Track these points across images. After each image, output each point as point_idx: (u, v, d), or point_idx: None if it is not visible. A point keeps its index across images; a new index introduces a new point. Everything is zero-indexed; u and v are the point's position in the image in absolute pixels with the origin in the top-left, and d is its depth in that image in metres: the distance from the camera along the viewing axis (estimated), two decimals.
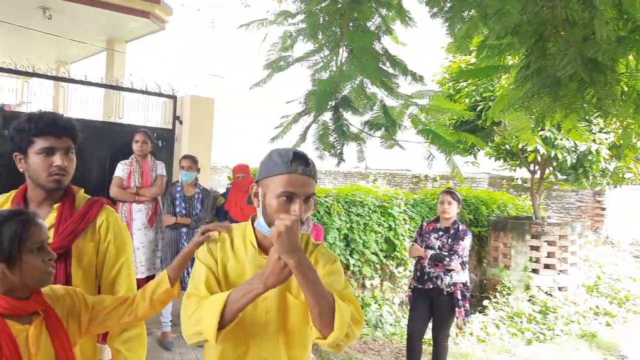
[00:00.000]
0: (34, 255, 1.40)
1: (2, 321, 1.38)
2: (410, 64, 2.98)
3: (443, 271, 4.13)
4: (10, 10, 7.06)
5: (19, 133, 1.69)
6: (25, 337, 1.41)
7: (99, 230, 1.83)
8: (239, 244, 1.63)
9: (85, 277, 1.80)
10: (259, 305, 1.55)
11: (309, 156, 1.57)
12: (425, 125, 3.00)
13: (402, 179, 14.92)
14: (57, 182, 1.71)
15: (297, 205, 1.49)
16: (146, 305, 1.67)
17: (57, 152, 1.70)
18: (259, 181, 1.58)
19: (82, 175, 5.24)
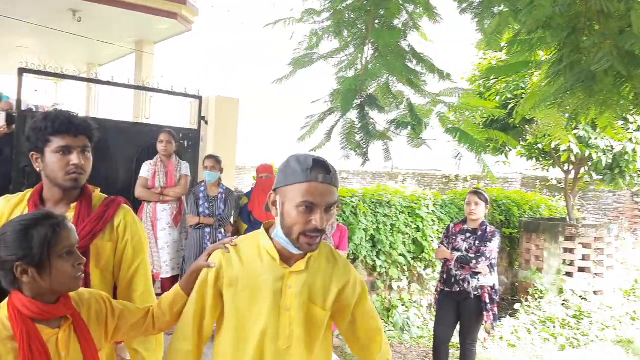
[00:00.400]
0: (64, 260, 1.37)
1: (33, 326, 1.35)
2: (438, 61, 2.90)
3: (470, 274, 4.03)
4: (42, 14, 7.21)
5: (36, 132, 1.68)
6: (55, 342, 1.39)
7: (117, 230, 1.81)
8: (251, 256, 1.56)
9: (103, 277, 1.79)
10: (283, 317, 1.50)
11: (329, 163, 1.49)
12: (454, 124, 2.91)
13: (431, 179, 14.72)
14: (74, 180, 1.70)
15: (317, 216, 1.42)
16: (167, 319, 1.64)
17: (74, 151, 1.68)
18: (277, 189, 1.51)
19: (109, 175, 5.36)
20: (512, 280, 7.86)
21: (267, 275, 1.51)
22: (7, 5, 6.78)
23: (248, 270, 1.53)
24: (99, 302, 1.56)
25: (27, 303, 1.35)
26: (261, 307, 1.50)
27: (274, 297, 1.50)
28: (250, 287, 1.52)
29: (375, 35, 2.63)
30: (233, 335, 1.53)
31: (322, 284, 1.56)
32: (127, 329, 1.61)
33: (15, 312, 1.35)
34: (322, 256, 1.60)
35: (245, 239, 1.62)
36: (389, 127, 2.87)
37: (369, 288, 6.15)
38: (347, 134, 2.82)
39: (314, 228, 1.43)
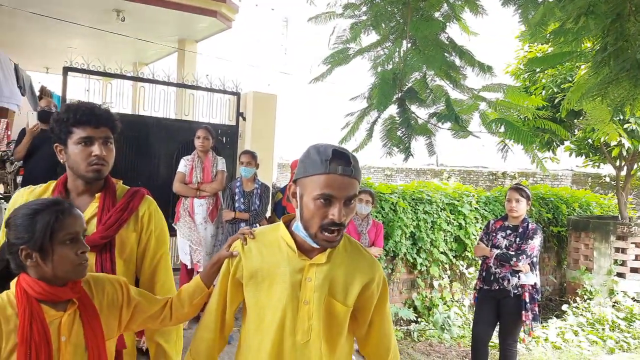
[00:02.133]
0: (67, 247, 1.37)
1: (37, 306, 1.36)
2: (479, 54, 2.80)
3: (510, 272, 3.92)
4: (88, 15, 7.43)
5: (58, 124, 1.69)
6: (57, 324, 1.39)
7: (141, 220, 1.82)
8: (270, 247, 1.53)
9: (126, 267, 1.80)
10: (302, 310, 1.47)
11: (351, 154, 1.43)
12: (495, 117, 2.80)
13: (477, 177, 14.39)
14: (96, 171, 1.70)
15: (336, 209, 1.37)
16: (185, 311, 1.63)
17: (95, 142, 1.69)
18: (296, 180, 1.47)
19: (151, 170, 5.49)
20: (559, 281, 7.59)
21: (286, 267, 1.48)
22: (56, 7, 7.02)
23: (267, 262, 1.51)
24: (115, 289, 1.55)
25: (31, 283, 1.37)
26: (279, 299, 1.47)
27: (292, 290, 1.47)
28: (269, 278, 1.49)
29: (414, 28, 2.55)
30: (253, 327, 1.52)
31: (344, 279, 1.50)
32: (143, 320, 1.60)
33: (22, 291, 1.36)
34: (345, 250, 1.55)
35: (265, 231, 1.60)
36: (429, 121, 2.80)
37: (409, 286, 6.06)
38: (388, 129, 2.76)
39: (332, 222, 1.38)
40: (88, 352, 1.42)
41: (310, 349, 1.47)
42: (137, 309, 1.58)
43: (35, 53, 10.53)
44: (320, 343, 1.48)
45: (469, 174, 14.43)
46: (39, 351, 1.32)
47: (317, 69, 3.08)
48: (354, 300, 1.51)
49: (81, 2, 6.96)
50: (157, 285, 1.85)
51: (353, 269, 1.52)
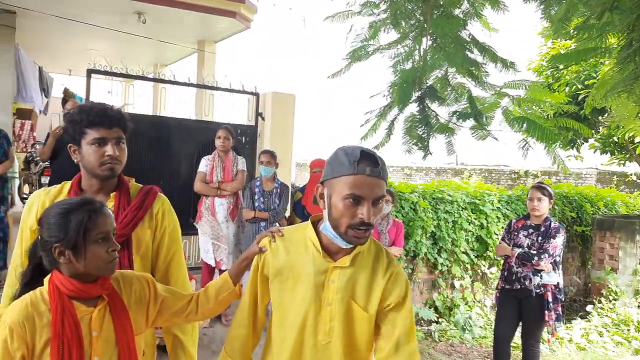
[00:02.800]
0: (99, 245, 1.41)
1: (69, 302, 1.40)
2: (500, 51, 2.76)
3: (532, 271, 3.86)
4: (110, 18, 7.54)
5: (72, 125, 1.73)
6: (88, 320, 1.42)
7: (155, 217, 1.85)
8: (297, 246, 1.56)
9: (143, 264, 1.83)
10: (324, 311, 1.49)
11: (378, 155, 1.45)
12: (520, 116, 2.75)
13: (499, 175, 14.22)
14: (109, 170, 1.73)
15: (364, 209, 1.39)
16: (211, 307, 1.66)
17: (108, 142, 1.72)
18: (324, 182, 1.49)
19: (172, 170, 5.54)
20: (584, 281, 7.46)
21: (311, 268, 1.51)
22: (78, 10, 7.14)
23: (292, 261, 1.53)
24: (143, 286, 1.58)
25: (64, 280, 1.40)
26: (303, 299, 1.50)
27: (315, 290, 1.49)
28: (294, 277, 1.52)
29: (435, 25, 2.53)
30: (277, 324, 1.56)
31: (367, 282, 1.51)
32: (169, 315, 1.63)
33: (54, 287, 1.40)
34: (370, 253, 1.56)
35: (293, 230, 1.62)
36: (450, 119, 2.77)
37: (430, 286, 6.02)
38: (408, 127, 2.74)
39: (361, 221, 1.40)
40: (118, 347, 1.46)
41: (331, 351, 1.49)
42: (163, 305, 1.61)
43: (59, 56, 10.72)
44: (342, 345, 1.48)
45: (490, 173, 14.26)
46: (71, 346, 1.36)
47: (335, 65, 3.08)
48: (376, 307, 1.51)
49: (103, 5, 7.07)
50: (171, 281, 1.88)
51: (375, 272, 1.53)
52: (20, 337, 1.35)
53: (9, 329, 1.35)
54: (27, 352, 1.36)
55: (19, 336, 1.35)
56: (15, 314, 1.37)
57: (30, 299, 1.41)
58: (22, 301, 1.40)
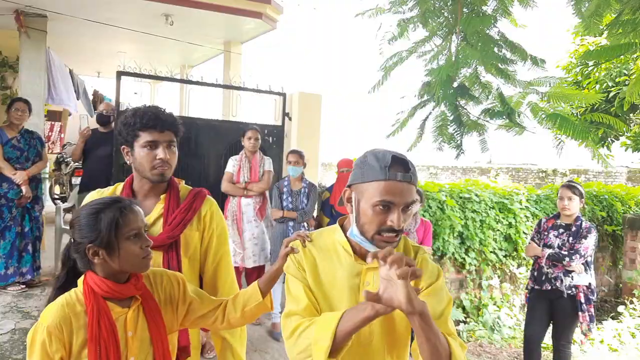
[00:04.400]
0: (131, 242, 1.42)
1: (104, 303, 1.41)
2: (530, 49, 2.72)
3: (563, 272, 3.81)
4: (137, 20, 7.65)
5: (126, 127, 1.76)
6: (124, 321, 1.44)
7: (203, 220, 1.87)
8: (328, 250, 1.51)
9: (191, 266, 1.85)
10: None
11: (408, 159, 1.40)
12: (548, 113, 2.71)
13: (527, 174, 13.98)
14: (160, 174, 1.76)
15: (395, 216, 1.35)
16: (238, 316, 1.64)
17: (160, 146, 1.74)
18: (352, 185, 1.45)
19: (201, 170, 5.61)
20: (615, 281, 7.30)
21: (344, 272, 1.47)
22: (108, 13, 7.27)
23: (324, 266, 1.49)
24: (173, 284, 1.59)
25: (98, 281, 1.42)
26: (340, 302, 1.46)
27: (350, 293, 1.45)
28: (327, 282, 1.48)
29: (466, 23, 2.51)
30: None
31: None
32: (195, 318, 1.62)
33: (89, 289, 1.42)
34: (399, 250, 1.51)
35: (321, 233, 1.58)
36: (479, 117, 2.74)
37: (458, 286, 5.96)
38: (439, 125, 2.72)
39: (391, 228, 1.36)
40: (153, 346, 1.47)
41: (373, 350, 1.46)
42: (190, 307, 1.61)
43: (88, 58, 10.93)
44: (383, 344, 1.46)
45: (517, 172, 14.03)
46: (108, 347, 1.37)
47: (363, 66, 3.08)
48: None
49: (132, 8, 7.18)
50: (219, 282, 1.90)
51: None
52: (59, 339, 1.36)
53: (47, 331, 1.35)
54: (65, 353, 1.37)
55: (57, 338, 1.36)
56: (52, 316, 1.38)
57: (66, 300, 1.42)
58: (58, 303, 1.41)
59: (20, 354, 3.55)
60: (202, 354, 3.59)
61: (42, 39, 7.36)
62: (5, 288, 4.81)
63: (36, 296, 4.72)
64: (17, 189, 4.78)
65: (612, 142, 7.30)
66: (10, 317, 4.17)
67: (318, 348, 1.30)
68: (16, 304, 4.53)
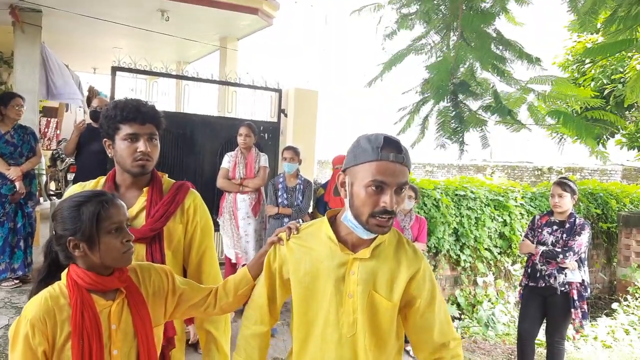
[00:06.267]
0: (112, 236, 1.41)
1: (88, 295, 1.40)
2: (526, 46, 2.73)
3: (557, 269, 3.83)
4: (133, 15, 7.62)
5: (107, 120, 1.76)
6: (107, 313, 1.43)
7: (187, 212, 1.86)
8: (314, 242, 1.54)
9: (174, 258, 1.85)
10: (346, 304, 1.47)
11: (401, 142, 1.42)
12: (545, 113, 2.72)
13: (522, 172, 14.01)
14: (141, 167, 1.75)
15: (387, 197, 1.36)
16: (230, 301, 1.65)
17: (141, 138, 1.74)
18: (346, 170, 1.47)
19: (196, 166, 5.60)
20: (610, 278, 7.35)
21: (330, 262, 1.49)
22: (103, 9, 7.24)
23: (311, 256, 1.52)
24: (161, 277, 1.58)
25: (81, 274, 1.41)
26: (324, 293, 1.48)
27: (336, 283, 1.47)
28: (313, 273, 1.50)
29: (466, 20, 2.50)
30: (300, 320, 1.54)
31: (389, 274, 1.49)
32: (187, 308, 1.63)
33: (72, 282, 1.41)
34: (390, 245, 1.53)
35: (309, 226, 1.60)
36: (477, 112, 2.74)
37: (452, 283, 5.99)
38: (441, 122, 2.72)
39: (384, 209, 1.37)
40: (137, 339, 1.46)
41: (356, 343, 1.47)
42: (182, 298, 1.61)
43: (84, 54, 10.88)
44: (367, 337, 1.47)
45: (513, 170, 14.07)
46: (91, 339, 1.37)
47: (359, 62, 3.09)
48: (400, 296, 1.49)
49: (127, 3, 7.16)
50: (204, 274, 1.90)
51: (398, 263, 1.51)
52: (42, 332, 1.35)
53: (30, 324, 1.34)
54: (48, 347, 1.35)
55: (40, 331, 1.34)
56: (35, 309, 1.37)
57: (50, 293, 1.40)
58: (41, 296, 1.40)
59: None
60: (197, 350, 3.60)
61: (37, 34, 7.32)
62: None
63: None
64: (11, 185, 4.75)
65: (607, 139, 7.33)
66: (4, 313, 4.16)
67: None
68: (10, 299, 4.51)
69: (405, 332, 1.62)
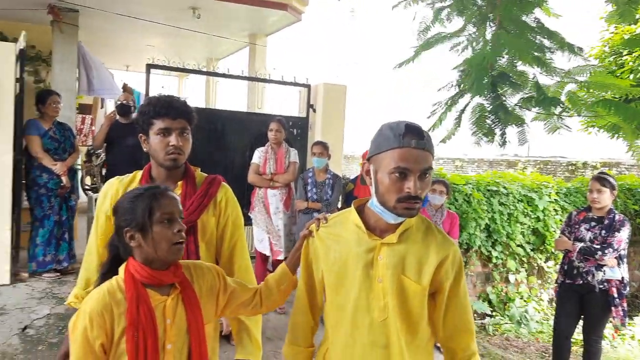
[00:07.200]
0: (164, 226, 1.44)
1: (143, 290, 1.44)
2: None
3: (595, 266, 3.73)
4: (166, 14, 7.74)
5: (142, 116, 1.81)
6: (162, 308, 1.45)
7: (219, 205, 1.91)
8: (343, 230, 1.57)
9: (207, 249, 1.89)
10: (376, 288, 1.49)
11: (423, 128, 1.44)
12: (585, 103, 2.65)
13: (555, 167, 13.67)
14: (173, 160, 1.79)
15: (411, 183, 1.38)
16: (274, 298, 1.70)
17: (172, 133, 1.78)
18: (370, 158, 1.50)
19: (226, 162, 5.66)
20: None
21: (358, 248, 1.51)
22: (137, 8, 7.38)
23: (340, 244, 1.55)
24: (214, 277, 1.62)
25: (138, 267, 1.45)
26: (353, 278, 1.51)
27: (364, 269, 1.50)
28: (342, 259, 1.53)
29: (505, 9, 2.45)
30: (332, 306, 1.58)
31: (418, 258, 1.50)
32: (236, 306, 1.67)
33: (129, 275, 1.45)
34: (418, 230, 1.55)
35: (337, 216, 1.64)
36: (517, 105, 2.68)
37: (483, 280, 5.91)
38: (477, 117, 2.68)
39: (408, 195, 1.39)
40: (190, 335, 1.49)
41: (388, 328, 1.49)
42: (232, 296, 1.65)
43: (117, 52, 11.11)
44: (398, 321, 1.48)
45: (545, 165, 13.75)
46: (146, 333, 1.39)
47: (390, 59, 3.08)
48: (429, 280, 1.50)
49: (160, 1, 7.27)
50: (235, 266, 1.94)
51: (427, 248, 1.52)
52: (100, 326, 1.38)
53: (88, 317, 1.38)
54: (106, 340, 1.39)
55: (98, 325, 1.38)
56: (94, 303, 1.40)
57: (108, 287, 1.44)
58: (99, 290, 1.44)
59: (55, 338, 3.66)
60: (230, 341, 3.65)
61: (74, 33, 7.51)
62: (41, 275, 4.96)
63: (70, 283, 4.85)
64: (57, 179, 4.93)
65: None
66: (45, 303, 4.30)
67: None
68: (51, 290, 4.66)
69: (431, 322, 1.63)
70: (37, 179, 4.89)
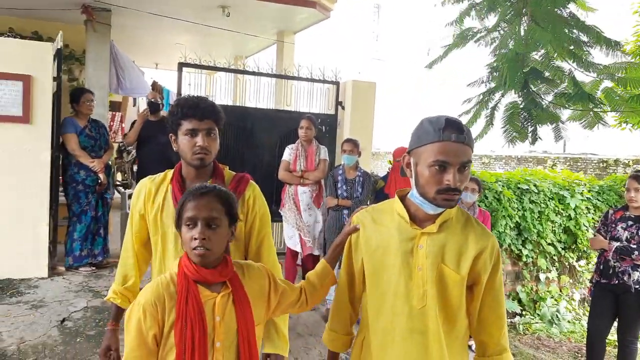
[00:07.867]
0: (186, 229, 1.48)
1: (194, 285, 1.46)
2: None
3: (631, 266, 3.66)
4: (195, 12, 7.85)
5: (171, 116, 1.87)
6: (212, 305, 1.47)
7: (247, 203, 1.95)
8: (385, 219, 1.62)
9: (236, 246, 1.93)
10: (415, 276, 1.52)
11: (462, 122, 1.47)
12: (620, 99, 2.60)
13: (586, 164, 13.35)
14: (200, 160, 1.84)
15: (450, 175, 1.42)
16: (319, 293, 1.75)
17: (199, 133, 1.82)
18: (410, 151, 1.54)
19: (255, 159, 5.73)
20: None
21: (399, 236, 1.56)
22: (168, 7, 7.50)
23: (381, 232, 1.60)
24: (264, 278, 1.64)
25: (187, 264, 1.49)
26: (393, 266, 1.55)
27: (404, 257, 1.54)
28: (383, 247, 1.58)
29: (536, 3, 2.41)
30: (372, 293, 1.61)
31: (457, 248, 1.53)
32: (285, 306, 1.70)
33: (182, 270, 1.49)
34: (458, 222, 1.58)
35: (380, 205, 1.70)
36: (552, 102, 2.65)
37: (513, 278, 5.84)
38: (509, 115, 2.66)
39: (448, 187, 1.43)
40: (239, 335, 1.50)
41: (427, 316, 1.51)
42: (282, 296, 1.68)
43: (147, 50, 11.31)
44: (437, 309, 1.51)
45: (575, 162, 13.46)
46: (194, 327, 1.42)
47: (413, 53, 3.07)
48: (468, 270, 1.52)
49: (190, 0, 7.38)
50: (262, 261, 1.96)
51: (466, 239, 1.54)
52: (153, 317, 1.42)
53: (142, 309, 1.42)
54: (158, 330, 1.42)
55: (151, 315, 1.42)
56: (148, 294, 1.45)
57: (162, 281, 1.48)
58: (154, 282, 1.49)
59: (93, 331, 3.77)
60: None
61: (107, 32, 7.68)
62: (77, 269, 5.11)
63: (105, 277, 4.98)
64: (94, 176, 5.06)
65: None
66: (82, 296, 4.43)
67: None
68: (87, 283, 4.80)
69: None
70: (75, 176, 5.03)
